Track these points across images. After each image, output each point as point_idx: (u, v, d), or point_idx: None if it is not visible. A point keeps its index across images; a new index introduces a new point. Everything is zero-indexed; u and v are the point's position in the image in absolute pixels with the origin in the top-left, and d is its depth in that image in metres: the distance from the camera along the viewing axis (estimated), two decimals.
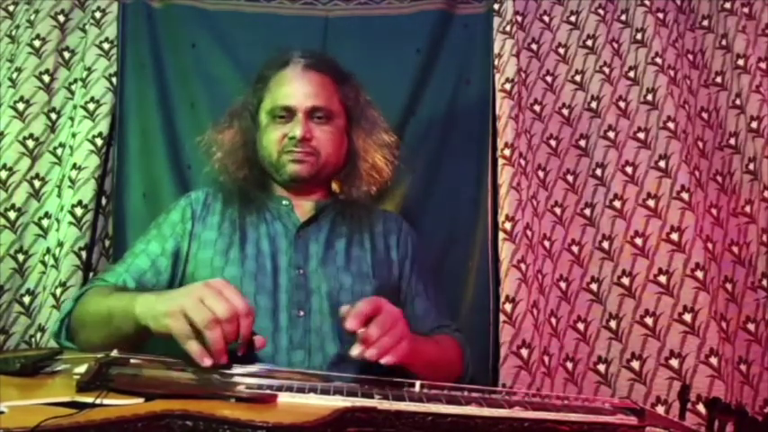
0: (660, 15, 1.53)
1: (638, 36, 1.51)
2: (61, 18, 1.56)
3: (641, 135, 1.45)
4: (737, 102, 1.45)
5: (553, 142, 1.53)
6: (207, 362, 0.80)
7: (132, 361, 0.84)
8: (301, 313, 1.08)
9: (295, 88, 1.20)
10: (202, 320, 0.79)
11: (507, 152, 1.43)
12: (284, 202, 1.22)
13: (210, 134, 1.32)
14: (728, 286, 1.39)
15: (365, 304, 0.90)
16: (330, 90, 1.23)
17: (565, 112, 1.54)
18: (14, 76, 1.50)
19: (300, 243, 1.16)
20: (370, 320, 0.89)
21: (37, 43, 1.53)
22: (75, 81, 1.53)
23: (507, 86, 1.48)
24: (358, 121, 1.28)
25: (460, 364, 1.15)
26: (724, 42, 1.51)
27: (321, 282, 1.12)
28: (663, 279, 1.35)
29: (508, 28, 1.52)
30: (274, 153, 1.20)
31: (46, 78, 1.52)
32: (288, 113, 1.20)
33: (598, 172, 1.48)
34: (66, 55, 1.56)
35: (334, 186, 1.29)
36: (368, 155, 1.29)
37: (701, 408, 1.23)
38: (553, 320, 1.41)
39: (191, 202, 1.22)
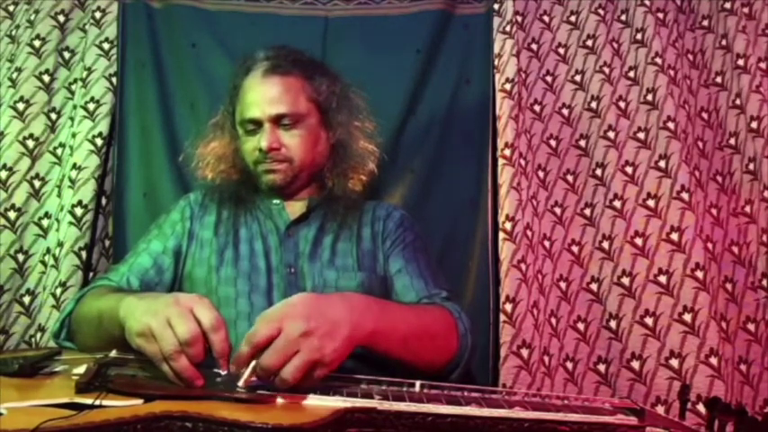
0: (660, 15, 1.53)
1: (638, 36, 1.51)
2: (61, 18, 1.56)
3: (641, 135, 1.45)
4: (737, 102, 1.45)
5: (553, 142, 1.53)
6: (186, 383, 0.75)
7: (131, 361, 0.84)
8: None
9: (257, 98, 1.18)
10: (167, 350, 0.73)
11: (507, 152, 1.43)
12: (275, 202, 1.22)
13: (199, 149, 1.31)
14: (728, 286, 1.39)
15: (249, 339, 0.74)
16: (295, 90, 1.19)
17: (565, 112, 1.54)
18: (14, 76, 1.50)
19: (291, 241, 1.17)
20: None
21: (37, 43, 1.53)
22: (75, 81, 1.53)
23: (507, 86, 1.48)
24: (336, 110, 1.25)
25: (453, 338, 1.01)
26: (724, 42, 1.50)
27: (308, 279, 1.12)
28: (663, 279, 1.35)
29: (508, 28, 1.52)
30: (250, 164, 1.22)
31: (46, 78, 1.52)
32: (255, 124, 1.19)
33: (598, 172, 1.48)
34: (66, 55, 1.56)
35: (329, 182, 1.28)
36: (353, 141, 1.27)
37: (701, 408, 1.23)
38: (553, 320, 1.41)
39: (189, 202, 1.24)
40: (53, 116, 1.52)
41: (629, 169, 1.44)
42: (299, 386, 0.74)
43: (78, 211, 1.42)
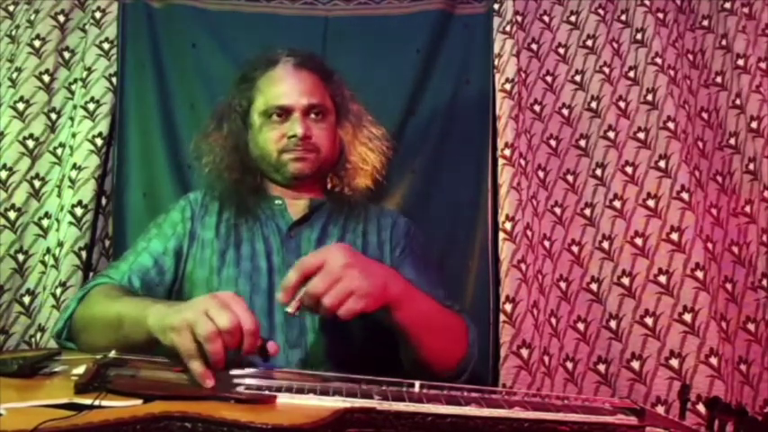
0: (660, 15, 1.53)
1: (638, 36, 1.51)
2: (61, 18, 1.56)
3: (641, 135, 1.45)
4: (737, 102, 1.45)
5: (553, 142, 1.53)
6: (209, 383, 0.77)
7: (130, 362, 0.84)
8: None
9: (289, 87, 1.20)
10: (204, 332, 0.76)
11: (507, 152, 1.43)
12: (277, 202, 1.22)
13: (198, 140, 1.31)
14: (728, 286, 1.39)
15: (298, 267, 0.86)
16: (321, 87, 1.24)
17: (565, 112, 1.54)
18: (14, 76, 1.50)
19: (293, 242, 1.17)
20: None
21: (37, 43, 1.53)
22: (75, 81, 1.53)
23: (507, 86, 1.48)
24: (345, 116, 1.29)
25: (464, 341, 1.05)
26: (724, 42, 1.50)
27: None
28: (663, 279, 1.35)
29: (508, 28, 1.52)
30: (273, 153, 1.20)
31: (46, 78, 1.52)
32: (284, 113, 1.20)
33: (598, 172, 1.48)
34: (66, 55, 1.56)
35: (329, 183, 1.29)
36: (356, 149, 1.29)
37: (701, 408, 1.23)
38: (553, 320, 1.41)
39: (189, 203, 1.23)
40: (53, 116, 1.52)
41: (629, 169, 1.44)
42: (337, 317, 0.83)
43: (78, 211, 1.42)
